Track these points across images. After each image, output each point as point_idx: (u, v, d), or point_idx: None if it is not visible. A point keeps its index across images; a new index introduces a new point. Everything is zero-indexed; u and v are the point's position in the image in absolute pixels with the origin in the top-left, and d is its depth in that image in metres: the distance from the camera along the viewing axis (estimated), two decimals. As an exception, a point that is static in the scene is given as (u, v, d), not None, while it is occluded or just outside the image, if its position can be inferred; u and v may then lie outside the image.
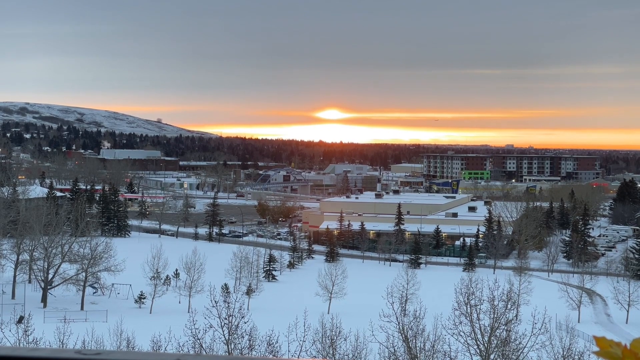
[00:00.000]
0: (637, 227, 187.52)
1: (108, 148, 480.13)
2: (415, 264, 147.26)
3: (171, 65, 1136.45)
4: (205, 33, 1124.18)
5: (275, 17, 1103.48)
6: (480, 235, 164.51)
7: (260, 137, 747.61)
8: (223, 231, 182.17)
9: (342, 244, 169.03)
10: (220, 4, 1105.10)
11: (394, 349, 48.05)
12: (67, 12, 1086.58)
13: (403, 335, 48.75)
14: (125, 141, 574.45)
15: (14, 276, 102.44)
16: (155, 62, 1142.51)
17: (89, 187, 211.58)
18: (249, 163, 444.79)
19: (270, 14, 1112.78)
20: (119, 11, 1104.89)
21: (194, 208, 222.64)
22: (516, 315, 52.95)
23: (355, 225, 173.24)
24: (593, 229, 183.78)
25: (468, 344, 50.47)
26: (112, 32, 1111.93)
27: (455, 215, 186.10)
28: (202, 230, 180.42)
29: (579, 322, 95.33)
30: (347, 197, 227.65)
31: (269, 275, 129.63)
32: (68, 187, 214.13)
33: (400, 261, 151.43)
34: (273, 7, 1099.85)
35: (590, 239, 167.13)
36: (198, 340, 44.69)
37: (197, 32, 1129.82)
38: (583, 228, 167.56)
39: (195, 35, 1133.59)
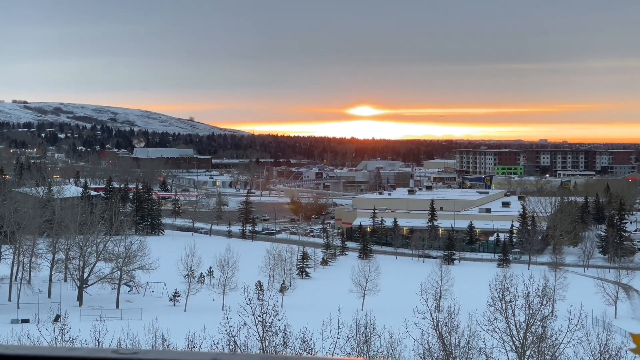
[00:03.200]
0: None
1: (141, 147, 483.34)
2: (449, 260, 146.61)
3: (203, 64, 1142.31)
4: (237, 31, 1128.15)
5: (307, 14, 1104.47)
6: (514, 231, 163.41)
7: (292, 135, 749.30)
8: (256, 229, 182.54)
9: (375, 240, 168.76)
10: (252, 2, 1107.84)
11: (429, 346, 47.81)
12: (99, 13, 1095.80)
13: (437, 332, 48.50)
14: (158, 140, 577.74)
15: (50, 275, 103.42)
16: (187, 61, 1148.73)
17: (122, 186, 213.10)
18: (281, 160, 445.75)
19: (302, 11, 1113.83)
20: (151, 11, 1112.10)
21: (227, 206, 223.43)
22: (552, 311, 52.45)
23: (388, 222, 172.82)
24: (630, 223, 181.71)
25: (503, 340, 50.11)
26: (144, 32, 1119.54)
27: (488, 210, 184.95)
28: (236, 228, 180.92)
29: (615, 317, 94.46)
30: (380, 193, 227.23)
31: (303, 273, 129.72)
32: (102, 186, 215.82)
33: (433, 257, 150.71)
34: (305, 4, 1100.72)
35: (626, 234, 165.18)
36: (232, 338, 44.76)
37: (229, 31, 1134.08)
38: (619, 223, 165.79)
39: (227, 34, 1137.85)
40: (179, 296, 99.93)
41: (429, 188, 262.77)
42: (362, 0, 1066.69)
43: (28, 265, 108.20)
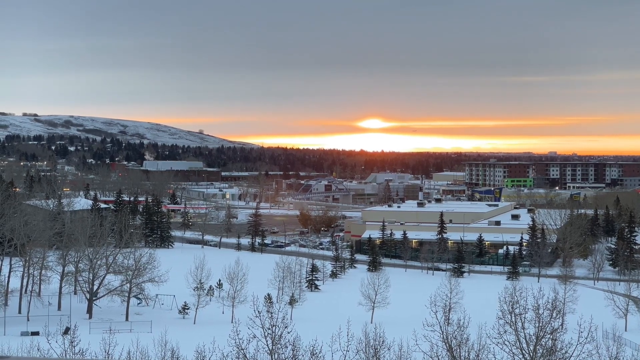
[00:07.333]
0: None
1: (151, 160, 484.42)
2: (458, 272, 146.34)
3: (212, 77, 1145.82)
4: (247, 44, 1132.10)
5: (316, 27, 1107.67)
6: (524, 244, 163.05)
7: (301, 147, 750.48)
8: (265, 241, 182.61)
9: (384, 253, 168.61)
10: (262, 15, 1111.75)
11: (438, 359, 47.71)
12: (109, 26, 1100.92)
13: (447, 345, 48.37)
14: (167, 152, 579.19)
15: (60, 287, 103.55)
16: (197, 74, 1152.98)
17: (132, 198, 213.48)
18: (290, 173, 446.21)
19: (312, 24, 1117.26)
20: (161, 24, 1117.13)
21: (236, 218, 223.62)
22: (562, 324, 52.29)
23: (398, 234, 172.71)
24: None
25: (513, 353, 49.95)
26: (154, 45, 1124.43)
27: (498, 223, 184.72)
28: (245, 241, 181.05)
29: (625, 330, 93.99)
30: (389, 206, 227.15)
31: (312, 285, 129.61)
32: (112, 198, 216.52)
33: (443, 270, 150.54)
34: (314, 17, 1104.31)
35: (636, 247, 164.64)
36: (242, 351, 44.76)
37: (239, 43, 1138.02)
38: (629, 235, 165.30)
39: (237, 46, 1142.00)
40: (188, 309, 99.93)
41: (438, 200, 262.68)
42: (371, 14, 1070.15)
43: (38, 277, 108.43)
